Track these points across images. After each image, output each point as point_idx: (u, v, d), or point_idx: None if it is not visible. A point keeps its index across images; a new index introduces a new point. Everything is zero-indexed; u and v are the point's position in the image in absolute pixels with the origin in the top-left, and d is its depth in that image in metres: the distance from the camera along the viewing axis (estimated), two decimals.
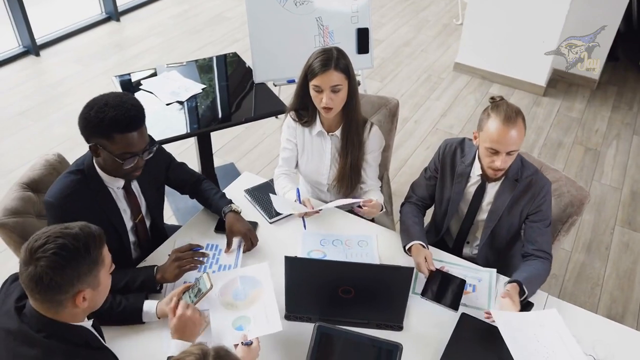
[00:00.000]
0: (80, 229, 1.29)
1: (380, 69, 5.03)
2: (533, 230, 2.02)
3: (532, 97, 4.70)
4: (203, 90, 2.94)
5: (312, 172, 2.32)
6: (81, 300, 1.29)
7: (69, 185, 1.75)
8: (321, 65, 1.99)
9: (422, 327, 1.78)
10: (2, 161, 3.70)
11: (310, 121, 2.20)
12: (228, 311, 1.74)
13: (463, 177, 2.09)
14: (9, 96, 4.38)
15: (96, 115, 1.65)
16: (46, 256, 1.21)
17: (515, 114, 1.84)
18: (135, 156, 1.72)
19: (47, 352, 1.28)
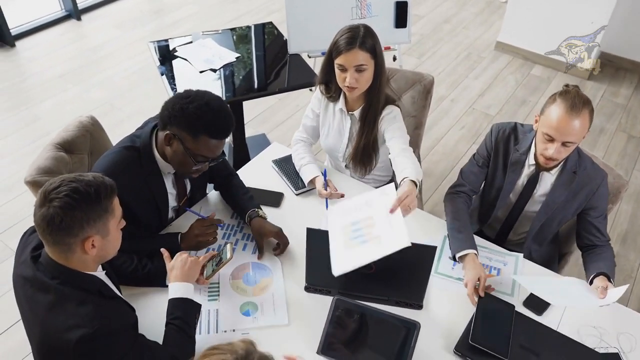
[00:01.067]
0: (93, 177, 1.34)
1: (419, 46, 4.92)
2: (591, 223, 1.96)
3: (576, 80, 4.52)
4: (237, 59, 2.93)
5: (330, 147, 2.30)
6: (90, 246, 1.32)
7: (121, 161, 1.74)
8: (346, 44, 1.93)
9: (442, 307, 1.76)
10: (41, 123, 3.79)
11: (334, 97, 2.16)
12: (237, 295, 1.76)
13: (517, 165, 1.99)
14: (50, 59, 4.47)
15: (194, 111, 1.63)
16: (59, 197, 1.26)
17: (582, 104, 1.74)
18: (207, 161, 1.73)
19: (61, 298, 1.32)
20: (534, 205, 2.03)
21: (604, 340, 1.70)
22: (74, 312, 1.31)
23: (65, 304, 1.32)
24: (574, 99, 1.74)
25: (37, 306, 1.34)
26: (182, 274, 1.61)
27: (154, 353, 1.44)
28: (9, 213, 3.10)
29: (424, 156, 3.62)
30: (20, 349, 2.43)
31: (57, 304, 1.32)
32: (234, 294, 1.77)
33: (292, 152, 2.26)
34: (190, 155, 1.69)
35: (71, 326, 1.29)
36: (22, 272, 1.40)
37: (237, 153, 3.28)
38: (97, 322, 1.30)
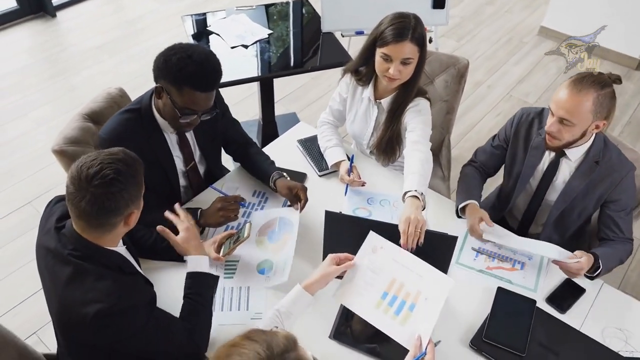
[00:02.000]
0: (124, 153, 1.35)
1: (458, 28, 4.78)
2: (610, 217, 1.88)
3: (623, 70, 4.33)
4: (269, 35, 2.90)
5: (355, 133, 2.25)
6: (133, 220, 1.36)
7: (123, 123, 1.77)
8: (395, 35, 1.83)
9: (460, 299, 1.72)
10: (77, 93, 3.86)
11: (364, 82, 2.09)
12: (259, 251, 1.79)
13: (538, 150, 1.93)
14: (89, 30, 4.52)
15: (177, 63, 1.63)
16: (106, 182, 1.27)
17: (591, 83, 1.66)
18: (194, 114, 1.72)
19: (80, 272, 1.34)
20: (554, 194, 1.96)
21: (630, 344, 1.63)
22: (92, 287, 1.32)
23: (85, 278, 1.33)
24: (584, 77, 1.68)
25: (57, 278, 1.36)
26: (199, 244, 1.61)
27: (170, 327, 1.45)
28: (41, 180, 3.18)
29: (456, 143, 3.53)
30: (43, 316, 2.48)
31: (77, 277, 1.33)
32: (256, 249, 1.80)
33: (318, 133, 2.22)
34: (176, 108, 1.69)
35: (89, 300, 1.30)
36: (44, 243, 1.42)
37: (266, 131, 3.27)
38: (115, 297, 1.31)
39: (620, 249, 1.85)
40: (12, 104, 3.75)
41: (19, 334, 1.57)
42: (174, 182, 1.94)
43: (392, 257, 1.48)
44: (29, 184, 3.17)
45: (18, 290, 2.62)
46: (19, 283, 2.65)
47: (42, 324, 2.48)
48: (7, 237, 2.88)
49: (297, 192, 1.88)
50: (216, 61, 1.70)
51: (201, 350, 1.51)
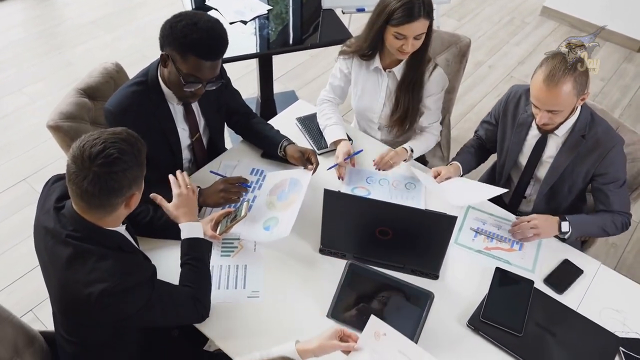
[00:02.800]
0: (127, 133, 1.32)
1: (460, 7, 4.71)
2: (602, 192, 1.87)
3: (625, 52, 4.29)
4: (269, 11, 2.85)
5: (364, 108, 2.22)
6: (134, 202, 1.35)
7: (130, 95, 1.75)
8: (407, 15, 1.83)
9: (459, 279, 1.72)
10: (72, 69, 3.81)
11: (370, 56, 2.07)
12: (267, 210, 1.81)
13: (524, 127, 1.95)
14: (85, 4, 4.45)
15: (182, 30, 1.61)
16: (109, 161, 1.24)
17: (564, 72, 1.64)
18: (199, 83, 1.70)
19: (81, 252, 1.32)
20: (544, 170, 1.97)
21: (627, 325, 1.63)
22: (94, 267, 1.31)
23: (86, 258, 1.32)
24: (555, 67, 1.65)
25: (57, 259, 1.34)
26: (190, 211, 1.60)
27: (173, 295, 1.45)
28: (36, 156, 3.15)
29: (455, 123, 3.51)
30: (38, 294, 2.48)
31: (78, 258, 1.32)
32: (265, 209, 1.83)
33: (318, 111, 2.20)
34: (181, 75, 1.67)
35: (92, 281, 1.29)
36: (44, 223, 1.40)
37: (265, 109, 3.24)
38: (118, 276, 1.30)
39: (604, 217, 1.85)
40: (7, 79, 3.70)
41: (14, 312, 1.55)
42: (177, 156, 1.93)
43: (397, 348, 1.41)
44: (24, 161, 3.14)
45: (13, 268, 2.61)
46: (14, 261, 2.64)
47: (38, 302, 2.47)
48: (1, 215, 2.86)
49: (309, 155, 1.92)
50: (222, 30, 1.68)
51: (206, 312, 1.52)
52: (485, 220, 1.91)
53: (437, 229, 1.60)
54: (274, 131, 2.05)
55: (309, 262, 1.73)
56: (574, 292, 1.71)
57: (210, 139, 2.05)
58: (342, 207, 1.66)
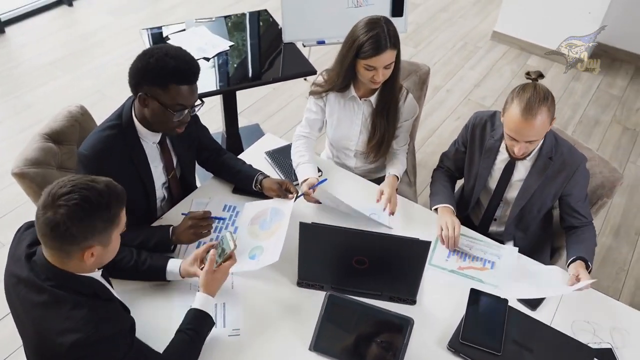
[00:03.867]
0: (106, 185, 1.29)
1: (415, 35, 4.87)
2: (570, 206, 1.98)
3: (572, 71, 4.48)
4: (231, 47, 2.89)
5: (340, 137, 2.27)
6: (89, 255, 1.29)
7: (104, 139, 1.75)
8: (376, 47, 1.90)
9: (436, 302, 1.75)
10: (31, 111, 3.74)
11: (344, 89, 2.13)
12: (251, 240, 1.82)
13: (492, 151, 2.02)
14: (40, 46, 4.40)
15: (156, 64, 1.63)
16: (68, 205, 1.21)
17: (539, 103, 1.73)
18: (185, 109, 1.71)
19: (55, 300, 1.29)
20: (513, 192, 2.04)
21: (598, 336, 1.69)
22: (68, 316, 1.27)
23: (60, 306, 1.28)
24: (529, 99, 1.73)
25: (31, 307, 1.31)
26: (215, 287, 1.59)
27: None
28: None
29: (418, 147, 3.59)
30: (12, 341, 2.40)
31: (52, 306, 1.29)
32: (248, 238, 1.84)
33: (293, 147, 2.22)
34: (167, 107, 1.68)
35: (65, 330, 1.25)
36: (15, 271, 1.36)
37: (230, 143, 3.25)
38: (92, 326, 1.27)
39: (589, 237, 1.96)
40: None
41: None
42: (151, 197, 1.92)
43: None
44: None
45: None
46: None
47: (12, 350, 2.39)
48: None
49: (287, 186, 1.95)
50: (189, 53, 1.72)
51: None
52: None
53: (412, 254, 1.63)
54: (247, 166, 2.07)
55: (287, 296, 1.73)
56: (547, 307, 1.76)
57: (182, 176, 2.05)
58: (318, 239, 1.67)
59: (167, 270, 1.68)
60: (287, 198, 1.94)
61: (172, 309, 1.66)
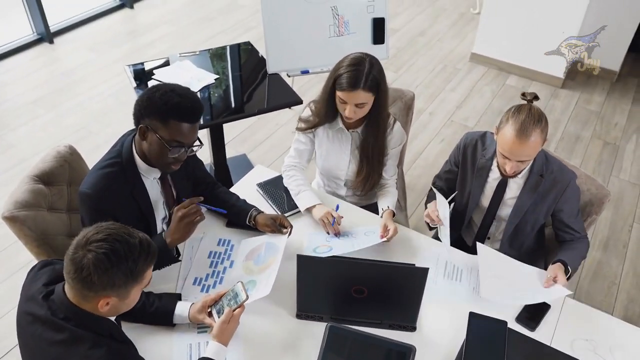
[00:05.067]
0: (140, 241, 1.31)
1: (395, 59, 4.95)
2: (565, 224, 2.03)
3: (550, 89, 4.61)
4: (216, 80, 2.91)
5: (330, 167, 2.28)
6: (104, 304, 1.30)
7: (106, 177, 1.75)
8: (349, 84, 1.93)
9: (436, 328, 1.75)
10: (14, 151, 3.70)
11: (331, 119, 2.15)
12: (245, 275, 1.82)
13: (484, 171, 2.05)
14: (22, 84, 4.37)
15: (161, 98, 1.67)
16: (97, 252, 1.24)
17: (533, 125, 1.78)
18: (182, 147, 1.73)
19: (74, 339, 1.29)
20: (506, 209, 2.07)
21: (598, 354, 1.70)
22: (86, 355, 1.28)
23: (79, 345, 1.29)
24: (524, 120, 1.78)
25: (48, 345, 1.31)
26: (228, 337, 1.57)
27: None
28: None
29: (406, 171, 3.61)
30: None
31: (71, 344, 1.29)
32: (242, 274, 1.84)
33: (286, 176, 2.23)
34: (165, 142, 1.69)
35: None
36: (30, 309, 1.36)
37: (219, 175, 3.24)
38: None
39: (579, 247, 2.01)
40: None
41: None
42: (152, 232, 1.91)
43: None
44: None
45: None
46: None
47: None
48: None
49: (281, 221, 1.95)
50: (195, 94, 1.76)
51: None
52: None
53: (411, 281, 1.64)
54: (241, 201, 2.06)
55: (287, 328, 1.72)
56: (545, 327, 1.77)
57: None
58: (316, 271, 1.67)
59: (175, 313, 1.67)
60: (282, 233, 1.94)
61: (171, 344, 1.65)
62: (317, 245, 1.99)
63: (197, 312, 1.65)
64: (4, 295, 2.74)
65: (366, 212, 2.21)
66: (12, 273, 2.84)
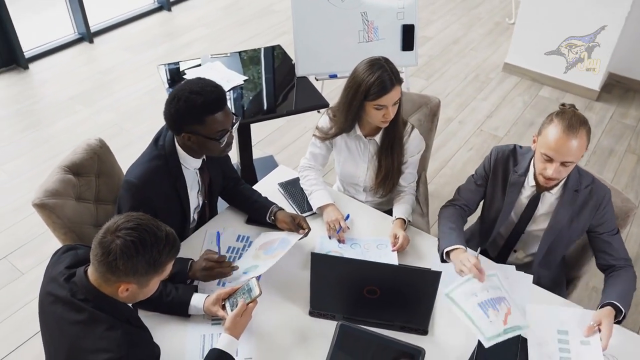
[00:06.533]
0: (167, 234, 1.36)
1: (427, 67, 4.94)
2: (603, 242, 1.94)
3: (585, 101, 4.52)
4: (245, 81, 2.96)
5: (348, 174, 2.30)
6: (124, 290, 1.35)
7: (152, 169, 1.84)
8: (383, 88, 1.94)
9: (448, 333, 1.74)
10: (52, 144, 3.84)
11: (349, 129, 2.16)
12: (252, 260, 1.87)
13: (516, 187, 1.99)
14: (62, 81, 4.54)
15: (185, 105, 1.73)
16: (125, 239, 1.29)
17: (579, 124, 1.74)
18: (227, 131, 1.81)
19: (92, 320, 1.34)
20: (537, 224, 2.02)
21: None
22: (103, 336, 1.33)
23: (96, 326, 1.34)
24: (570, 119, 1.75)
25: (67, 325, 1.36)
26: (240, 329, 1.60)
27: None
28: (17, 234, 3.12)
29: (431, 179, 3.61)
30: None
31: (89, 325, 1.34)
32: (250, 259, 1.89)
33: (301, 177, 2.26)
34: (211, 138, 1.77)
35: (99, 349, 1.31)
36: (52, 290, 1.42)
37: (245, 174, 3.29)
38: (124, 348, 1.32)
39: (628, 279, 1.87)
40: None
41: None
42: (187, 222, 2.00)
43: None
44: (4, 238, 3.11)
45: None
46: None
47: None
48: None
49: (300, 221, 1.98)
50: (210, 81, 1.81)
51: None
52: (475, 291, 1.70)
53: (424, 284, 1.64)
54: (263, 197, 2.11)
55: (299, 325, 1.74)
56: None
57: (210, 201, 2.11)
58: (330, 269, 1.69)
59: (191, 304, 1.71)
60: (298, 233, 1.96)
61: (185, 334, 1.69)
62: (329, 250, 2.00)
63: (211, 304, 1.69)
64: (35, 281, 2.85)
65: (380, 214, 2.21)
66: (42, 260, 2.94)
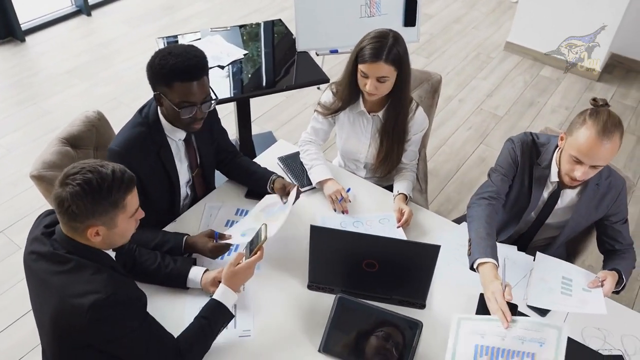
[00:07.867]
0: (112, 170, 1.36)
1: (428, 45, 4.90)
2: (614, 230, 1.95)
3: (585, 82, 4.49)
4: (245, 56, 2.93)
5: (349, 149, 2.28)
6: (93, 234, 1.37)
7: (135, 136, 1.81)
8: (371, 55, 1.91)
9: (445, 307, 1.75)
10: (50, 117, 3.81)
11: (353, 101, 2.14)
12: (251, 221, 1.87)
13: (541, 180, 1.93)
14: (59, 54, 4.49)
15: (159, 63, 1.70)
16: (72, 184, 1.31)
17: (614, 127, 1.66)
18: (193, 106, 1.75)
19: (78, 267, 1.37)
20: (554, 218, 2.00)
21: (608, 342, 1.68)
22: (89, 279, 1.35)
23: (82, 272, 1.37)
24: (605, 122, 1.66)
25: (54, 275, 1.38)
26: (238, 282, 1.61)
27: (162, 339, 1.46)
28: (14, 207, 3.12)
29: (430, 156, 3.60)
30: (25, 344, 2.43)
31: (75, 272, 1.37)
32: (250, 220, 1.91)
33: (301, 151, 2.25)
34: (174, 105, 1.73)
35: (86, 291, 1.33)
36: (35, 249, 1.44)
37: (243, 150, 3.28)
38: (111, 288, 1.34)
39: (630, 257, 1.94)
40: None
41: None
42: (176, 195, 1.97)
43: None
44: (2, 212, 3.11)
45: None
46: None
47: (27, 350, 2.41)
48: None
49: (289, 189, 1.96)
50: (197, 49, 1.75)
51: None
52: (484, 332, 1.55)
53: (422, 258, 1.65)
54: (262, 168, 2.10)
55: (298, 298, 1.75)
56: (557, 313, 1.76)
57: (203, 177, 2.09)
58: (328, 242, 1.69)
59: (188, 277, 1.71)
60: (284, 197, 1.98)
61: (184, 306, 1.70)
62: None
63: (210, 284, 1.69)
64: None
65: (380, 189, 2.21)
66: None
